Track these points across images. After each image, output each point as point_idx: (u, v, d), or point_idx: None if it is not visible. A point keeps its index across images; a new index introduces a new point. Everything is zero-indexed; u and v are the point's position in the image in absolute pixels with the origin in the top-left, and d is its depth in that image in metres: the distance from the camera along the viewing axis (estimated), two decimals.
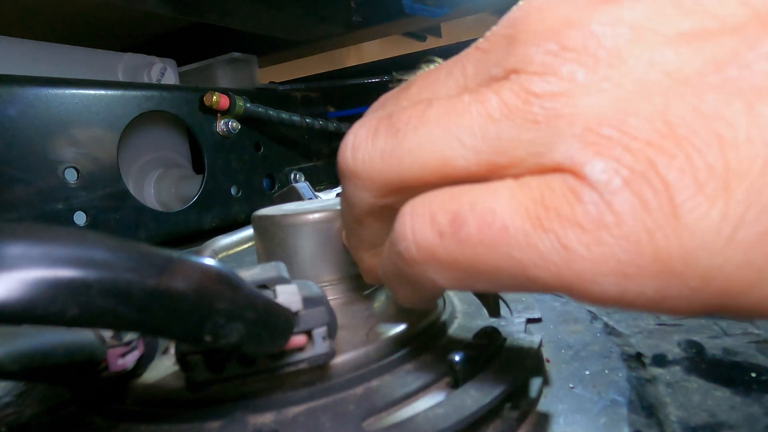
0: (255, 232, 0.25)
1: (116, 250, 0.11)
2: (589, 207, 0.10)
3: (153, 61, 0.64)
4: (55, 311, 0.10)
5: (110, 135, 0.50)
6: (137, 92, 0.53)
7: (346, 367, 0.18)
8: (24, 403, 0.21)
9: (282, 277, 0.17)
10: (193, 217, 0.57)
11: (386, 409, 0.17)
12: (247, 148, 0.64)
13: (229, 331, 0.13)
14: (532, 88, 0.12)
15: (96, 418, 0.18)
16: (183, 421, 0.17)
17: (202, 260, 0.13)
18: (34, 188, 0.44)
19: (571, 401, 0.20)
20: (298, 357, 0.17)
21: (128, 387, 0.19)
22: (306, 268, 0.24)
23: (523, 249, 0.11)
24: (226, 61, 0.71)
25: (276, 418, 0.17)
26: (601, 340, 0.25)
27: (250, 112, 0.61)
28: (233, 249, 0.34)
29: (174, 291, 0.12)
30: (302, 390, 0.17)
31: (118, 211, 0.50)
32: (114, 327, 0.14)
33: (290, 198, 0.47)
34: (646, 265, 0.10)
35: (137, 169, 0.60)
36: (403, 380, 0.18)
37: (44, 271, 0.10)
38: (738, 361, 0.22)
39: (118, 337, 0.17)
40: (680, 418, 0.19)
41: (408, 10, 0.65)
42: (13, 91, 0.43)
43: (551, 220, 0.11)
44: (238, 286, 0.14)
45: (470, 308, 0.25)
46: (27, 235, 0.10)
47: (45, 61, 0.55)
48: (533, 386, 0.19)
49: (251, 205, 0.63)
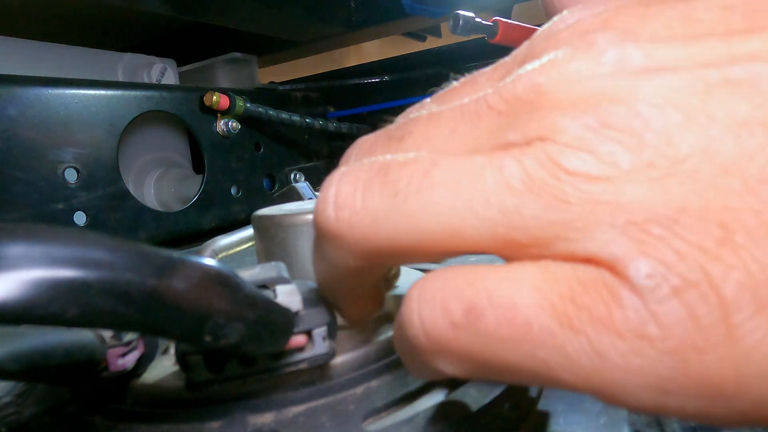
0: (255, 232, 0.25)
1: (116, 250, 0.11)
2: (629, 313, 0.09)
3: (153, 61, 0.64)
4: (55, 311, 0.10)
5: (110, 135, 0.50)
6: (137, 92, 0.53)
7: (346, 367, 0.18)
8: (24, 403, 0.21)
9: (282, 277, 0.17)
10: (193, 217, 0.57)
11: (386, 409, 0.17)
12: (247, 148, 0.64)
13: (229, 331, 0.13)
14: (563, 162, 0.10)
15: (96, 418, 0.18)
16: (183, 421, 0.17)
17: (202, 260, 0.13)
18: (34, 188, 0.44)
19: (571, 401, 0.20)
20: (298, 357, 0.17)
21: (128, 387, 0.19)
22: (306, 268, 0.24)
23: (549, 349, 0.10)
24: (226, 61, 0.71)
25: (276, 418, 0.17)
26: None
27: (250, 112, 0.61)
28: (233, 249, 0.34)
29: (174, 291, 0.12)
30: (302, 390, 0.17)
31: (118, 211, 0.50)
32: (114, 327, 0.14)
33: (290, 198, 0.47)
34: (692, 386, 0.09)
35: (137, 169, 0.60)
36: (403, 380, 0.18)
37: (44, 271, 0.10)
38: None
39: (118, 337, 0.17)
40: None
41: (408, 10, 0.65)
42: (13, 91, 0.43)
43: (583, 321, 0.10)
44: (238, 286, 0.14)
45: None
46: (27, 235, 0.10)
47: (45, 61, 0.55)
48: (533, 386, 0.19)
49: (251, 205, 0.63)
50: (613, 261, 0.09)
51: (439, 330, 0.11)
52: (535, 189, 0.10)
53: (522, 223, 0.10)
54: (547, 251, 0.10)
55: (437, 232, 0.11)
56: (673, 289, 0.09)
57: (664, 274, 0.09)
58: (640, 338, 0.09)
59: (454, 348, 0.11)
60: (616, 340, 0.09)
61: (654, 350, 0.09)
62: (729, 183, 0.09)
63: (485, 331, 0.11)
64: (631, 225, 0.09)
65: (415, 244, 0.12)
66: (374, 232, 0.12)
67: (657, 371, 0.09)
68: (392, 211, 0.12)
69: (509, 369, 0.11)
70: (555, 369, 0.10)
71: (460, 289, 0.11)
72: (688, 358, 0.09)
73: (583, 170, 0.10)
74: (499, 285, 0.11)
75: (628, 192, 0.09)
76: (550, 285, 0.10)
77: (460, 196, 0.11)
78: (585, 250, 0.10)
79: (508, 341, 0.10)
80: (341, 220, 0.12)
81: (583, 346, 0.10)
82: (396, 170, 0.12)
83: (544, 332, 0.10)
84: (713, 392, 0.09)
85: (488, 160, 0.11)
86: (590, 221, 0.10)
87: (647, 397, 0.09)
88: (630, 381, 0.09)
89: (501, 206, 0.10)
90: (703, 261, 0.09)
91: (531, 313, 0.10)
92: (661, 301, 0.09)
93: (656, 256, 0.09)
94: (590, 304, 0.10)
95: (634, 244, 0.09)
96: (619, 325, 0.09)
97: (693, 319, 0.09)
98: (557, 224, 0.10)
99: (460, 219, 0.11)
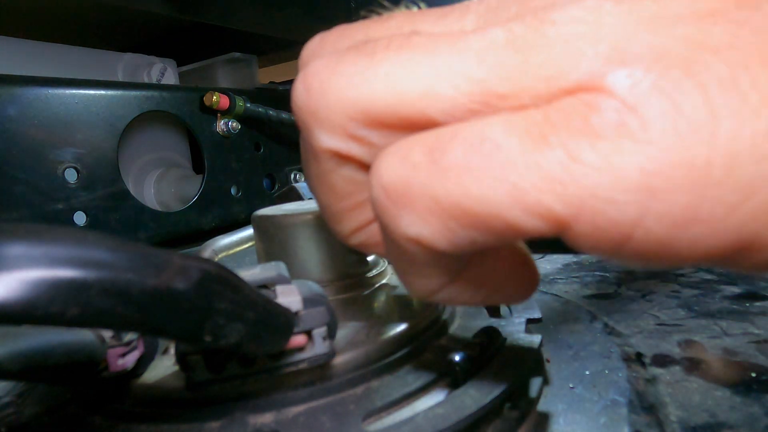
0: (255, 232, 0.25)
1: (116, 250, 0.11)
2: (608, 114, 0.09)
3: (153, 61, 0.64)
4: (55, 311, 0.10)
5: (110, 135, 0.50)
6: (137, 92, 0.53)
7: (346, 367, 0.18)
8: (24, 403, 0.21)
9: (282, 277, 0.17)
10: (193, 217, 0.57)
11: (386, 409, 0.17)
12: (247, 148, 0.64)
13: (229, 331, 0.13)
14: (548, 16, 0.10)
15: (96, 418, 0.18)
16: (183, 421, 0.17)
17: (202, 260, 0.13)
18: (34, 188, 0.44)
19: (571, 401, 0.20)
20: (298, 357, 0.17)
21: (128, 387, 0.19)
22: (306, 268, 0.24)
23: (520, 170, 0.09)
24: (226, 61, 0.71)
25: (276, 418, 0.17)
26: (601, 340, 0.25)
27: (250, 112, 0.61)
28: (233, 249, 0.34)
29: (174, 291, 0.12)
30: (302, 390, 0.17)
31: (118, 211, 0.50)
32: (114, 327, 0.14)
33: (290, 198, 0.47)
34: (678, 175, 0.09)
35: (137, 169, 0.60)
36: (403, 380, 0.18)
37: (44, 271, 0.10)
38: (738, 361, 0.22)
39: (118, 337, 0.17)
40: (680, 418, 0.18)
41: None
42: (13, 91, 0.43)
43: (559, 134, 0.09)
44: (238, 286, 0.14)
45: (470, 308, 0.25)
46: (27, 235, 0.10)
47: (45, 61, 0.55)
48: (533, 386, 0.19)
49: (251, 205, 0.63)
50: (593, 78, 0.09)
51: (398, 174, 0.10)
52: (518, 41, 0.10)
53: (503, 73, 0.10)
54: (528, 98, 0.10)
55: (413, 89, 0.10)
56: (652, 82, 0.09)
57: (643, 72, 0.09)
58: (620, 135, 0.09)
59: (417, 193, 0.10)
60: (595, 142, 0.09)
61: (635, 143, 0.09)
62: (711, 15, 0.09)
63: (449, 164, 0.10)
64: (613, 50, 0.09)
65: (390, 107, 0.11)
66: (349, 97, 0.11)
67: (640, 165, 0.09)
68: (368, 71, 0.11)
69: (480, 210, 0.10)
70: (529, 192, 0.09)
71: (423, 137, 0.10)
72: (673, 144, 0.08)
73: (568, 15, 0.10)
74: (465, 124, 0.10)
75: (609, 22, 0.09)
76: (523, 116, 0.10)
77: (439, 54, 0.10)
78: (568, 82, 0.09)
79: (475, 171, 0.10)
80: (311, 89, 0.11)
81: (558, 157, 0.09)
82: (373, 40, 0.11)
83: (515, 152, 0.09)
84: (701, 177, 0.08)
85: (472, 30, 0.11)
86: (573, 54, 0.09)
87: (630, 202, 0.09)
88: (612, 184, 0.09)
89: (480, 60, 0.10)
90: (683, 62, 0.09)
91: (500, 137, 0.09)
92: (640, 94, 0.09)
93: (637, 65, 0.09)
94: (566, 119, 0.09)
95: (614, 61, 0.09)
96: (597, 127, 0.09)
97: (674, 105, 0.09)
98: (539, 66, 0.10)
99: (437, 75, 0.10)
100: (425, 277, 0.13)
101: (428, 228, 0.10)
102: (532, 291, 0.15)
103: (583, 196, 0.09)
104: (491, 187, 0.09)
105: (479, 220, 0.10)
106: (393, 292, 0.24)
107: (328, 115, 0.11)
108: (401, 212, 0.11)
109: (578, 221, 0.09)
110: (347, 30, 0.13)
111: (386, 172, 0.11)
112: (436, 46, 0.10)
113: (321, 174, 0.14)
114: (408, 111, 0.11)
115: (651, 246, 0.09)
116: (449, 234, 0.10)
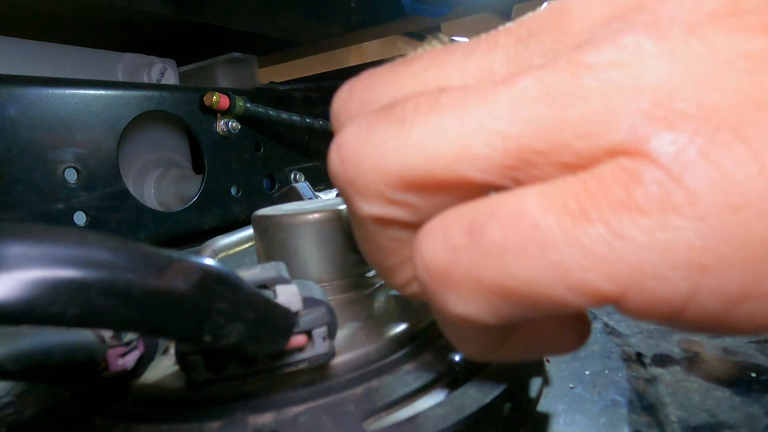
0: (255, 232, 0.25)
1: (116, 250, 0.11)
2: (650, 187, 0.08)
3: (153, 61, 0.64)
4: (55, 311, 0.10)
5: (110, 135, 0.50)
6: (137, 92, 0.53)
7: (346, 367, 0.18)
8: (24, 403, 0.21)
9: (282, 277, 0.17)
10: (193, 217, 0.57)
11: (386, 409, 0.17)
12: (247, 148, 0.64)
13: (229, 331, 0.13)
14: (583, 59, 0.09)
15: (96, 418, 0.18)
16: (183, 421, 0.17)
17: (202, 260, 0.13)
18: (34, 188, 0.44)
19: (571, 401, 0.20)
20: (298, 357, 0.17)
21: (128, 387, 0.19)
22: (306, 268, 0.24)
23: (562, 248, 0.09)
24: (226, 61, 0.71)
25: (276, 418, 0.17)
26: (601, 340, 0.25)
27: (250, 112, 0.61)
28: (233, 249, 0.34)
29: (174, 291, 0.12)
30: (302, 390, 0.17)
31: (118, 211, 0.50)
32: (114, 327, 0.14)
33: (290, 198, 0.47)
34: (731, 253, 0.08)
35: (137, 169, 0.60)
36: (403, 380, 0.18)
37: (44, 271, 0.10)
38: (738, 361, 0.22)
39: (118, 337, 0.17)
40: (680, 418, 0.19)
41: (408, 10, 0.65)
42: (13, 91, 0.43)
43: (600, 208, 0.09)
44: (238, 286, 0.14)
45: None
46: (27, 235, 0.10)
47: (45, 61, 0.55)
48: (533, 386, 0.19)
49: (251, 205, 0.63)
50: (633, 142, 0.09)
51: (439, 257, 0.10)
52: (551, 93, 0.09)
53: (538, 128, 0.09)
54: (565, 155, 0.09)
55: (447, 152, 0.10)
56: (699, 149, 0.08)
57: (689, 138, 0.08)
58: (666, 209, 0.08)
59: (459, 276, 0.10)
60: (639, 218, 0.08)
61: (683, 219, 0.08)
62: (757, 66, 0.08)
63: (489, 246, 0.09)
64: (656, 106, 0.09)
65: (425, 172, 0.11)
66: (384, 166, 0.11)
67: (689, 242, 0.08)
68: (399, 139, 0.11)
69: (523, 289, 0.09)
70: (573, 271, 0.09)
71: (460, 214, 0.10)
72: (724, 219, 0.08)
73: (605, 59, 0.09)
74: (501, 200, 0.10)
75: (652, 73, 0.09)
76: (560, 188, 0.09)
77: (470, 114, 0.10)
78: (610, 142, 0.09)
79: (514, 251, 0.09)
80: (346, 161, 0.11)
81: (601, 234, 0.08)
82: (401, 103, 0.11)
83: (555, 230, 0.09)
84: (757, 255, 0.08)
85: (501, 80, 0.10)
86: (611, 109, 0.09)
87: (680, 279, 0.08)
88: (659, 263, 0.08)
89: (514, 116, 0.10)
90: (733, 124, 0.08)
91: (538, 215, 0.09)
92: (686, 164, 0.08)
93: (682, 127, 0.08)
94: (606, 191, 0.09)
95: (657, 121, 0.08)
96: (640, 201, 0.08)
97: (724, 175, 0.08)
98: (575, 122, 0.09)
99: (469, 135, 0.10)
100: (478, 343, 0.13)
101: (474, 306, 0.10)
102: (584, 342, 0.15)
103: (630, 274, 0.08)
104: (533, 268, 0.09)
105: (525, 298, 0.10)
106: (393, 292, 0.24)
107: (365, 185, 0.11)
108: (447, 293, 0.10)
109: (627, 297, 0.09)
110: (373, 81, 0.13)
111: (428, 254, 0.10)
112: (465, 104, 0.10)
113: (367, 236, 0.14)
114: (444, 173, 0.10)
115: (707, 319, 0.09)
116: (496, 311, 0.10)
